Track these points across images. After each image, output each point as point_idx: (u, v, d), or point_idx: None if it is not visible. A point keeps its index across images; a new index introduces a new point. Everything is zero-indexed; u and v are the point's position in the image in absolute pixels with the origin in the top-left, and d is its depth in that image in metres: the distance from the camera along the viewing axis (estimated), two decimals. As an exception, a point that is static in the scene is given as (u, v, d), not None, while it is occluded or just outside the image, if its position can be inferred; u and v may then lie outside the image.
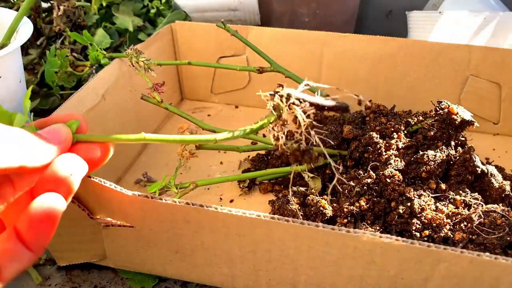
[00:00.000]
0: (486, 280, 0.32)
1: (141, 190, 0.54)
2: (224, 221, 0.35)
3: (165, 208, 0.35)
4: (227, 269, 0.39)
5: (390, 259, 0.33)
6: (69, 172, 0.25)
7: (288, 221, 0.33)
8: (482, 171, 0.47)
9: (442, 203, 0.45)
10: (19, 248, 0.24)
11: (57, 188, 0.25)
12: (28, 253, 0.25)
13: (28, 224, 0.24)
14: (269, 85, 0.73)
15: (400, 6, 0.92)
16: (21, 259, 0.24)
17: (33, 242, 0.25)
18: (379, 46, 0.63)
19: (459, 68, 0.61)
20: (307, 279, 0.38)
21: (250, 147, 0.55)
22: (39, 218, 0.24)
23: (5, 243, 0.24)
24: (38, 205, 0.24)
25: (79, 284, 0.44)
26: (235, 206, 0.48)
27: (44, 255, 0.46)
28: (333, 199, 0.48)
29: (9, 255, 0.24)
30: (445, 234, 0.42)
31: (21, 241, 0.24)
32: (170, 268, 0.42)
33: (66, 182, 0.25)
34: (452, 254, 0.31)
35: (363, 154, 0.50)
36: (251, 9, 0.82)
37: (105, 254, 0.43)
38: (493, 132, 0.64)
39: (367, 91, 0.65)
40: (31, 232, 0.24)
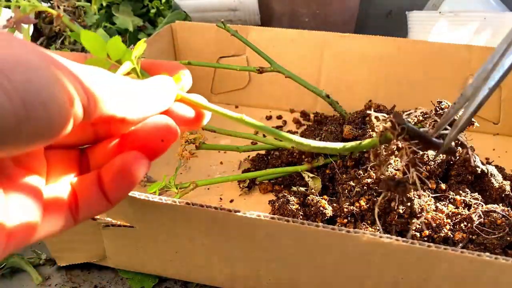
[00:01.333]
0: (486, 280, 0.32)
1: (141, 190, 0.54)
2: (224, 221, 0.35)
3: (165, 208, 0.35)
4: (227, 269, 0.39)
5: (390, 259, 0.33)
6: (160, 137, 0.25)
7: (288, 221, 0.33)
8: (482, 171, 0.47)
9: (442, 203, 0.45)
10: (99, 196, 0.25)
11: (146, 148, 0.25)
12: (106, 203, 0.25)
13: (112, 176, 0.24)
14: (269, 85, 0.73)
15: (400, 6, 0.92)
16: (98, 207, 0.25)
17: (113, 194, 0.25)
18: (379, 46, 0.63)
19: (459, 68, 0.61)
20: (307, 279, 0.38)
21: (250, 147, 0.55)
22: (123, 174, 0.24)
23: (88, 187, 0.25)
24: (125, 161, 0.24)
25: (79, 284, 0.44)
26: (235, 206, 0.48)
27: (44, 255, 0.46)
28: (333, 199, 0.48)
29: (89, 200, 0.24)
30: (445, 234, 0.42)
31: (101, 190, 0.25)
32: (170, 268, 0.42)
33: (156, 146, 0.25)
34: (452, 254, 0.31)
35: (363, 154, 0.50)
36: (251, 9, 0.82)
37: (105, 254, 0.43)
38: (493, 132, 0.64)
39: (367, 91, 0.65)
40: (113, 185, 0.24)
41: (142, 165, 0.24)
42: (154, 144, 0.25)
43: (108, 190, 0.25)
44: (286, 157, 0.54)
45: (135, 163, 0.24)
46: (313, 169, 0.52)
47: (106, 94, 0.21)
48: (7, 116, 0.16)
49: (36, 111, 0.17)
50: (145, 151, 0.25)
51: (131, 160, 0.24)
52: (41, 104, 0.17)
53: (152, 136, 0.25)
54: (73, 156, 0.27)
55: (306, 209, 0.46)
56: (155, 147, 0.25)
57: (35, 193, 0.22)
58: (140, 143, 0.25)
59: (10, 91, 0.17)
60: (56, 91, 0.18)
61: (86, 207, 0.25)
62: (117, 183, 0.24)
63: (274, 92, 0.69)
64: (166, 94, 0.26)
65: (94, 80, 0.21)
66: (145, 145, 0.25)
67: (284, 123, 0.68)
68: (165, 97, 0.26)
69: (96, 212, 0.25)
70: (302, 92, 0.58)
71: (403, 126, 0.27)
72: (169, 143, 0.25)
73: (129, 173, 0.24)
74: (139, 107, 0.24)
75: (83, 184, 0.25)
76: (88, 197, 0.24)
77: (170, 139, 0.25)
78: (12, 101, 0.17)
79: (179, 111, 0.27)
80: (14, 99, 0.17)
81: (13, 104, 0.17)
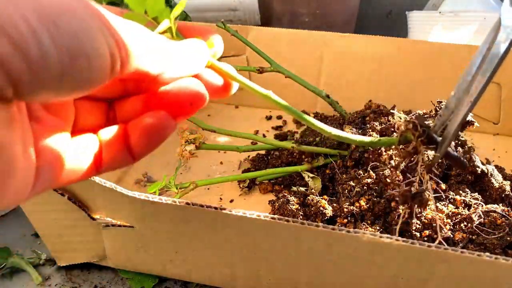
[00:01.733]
0: (486, 280, 0.32)
1: (141, 190, 0.54)
2: (224, 221, 0.35)
3: (165, 208, 0.35)
4: (227, 269, 0.39)
5: (390, 259, 0.33)
6: (189, 101, 0.25)
7: (288, 221, 0.33)
8: (482, 171, 0.47)
9: (442, 203, 0.45)
10: (124, 150, 0.25)
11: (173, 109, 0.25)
12: (129, 158, 0.25)
13: (139, 133, 0.24)
14: (269, 85, 0.73)
15: (400, 6, 0.92)
16: (121, 161, 0.25)
17: (137, 151, 0.25)
18: (379, 46, 0.63)
19: (459, 68, 0.61)
20: (307, 279, 0.38)
21: (250, 147, 0.55)
22: (150, 132, 0.24)
23: (114, 140, 0.25)
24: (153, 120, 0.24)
25: (79, 284, 0.44)
26: (235, 206, 0.48)
27: (44, 255, 0.46)
28: (333, 199, 0.48)
29: (114, 153, 0.25)
30: (445, 234, 0.42)
31: (126, 145, 0.25)
32: (170, 268, 0.42)
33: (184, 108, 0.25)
34: (452, 254, 0.31)
35: (363, 154, 0.50)
36: (251, 9, 0.82)
37: (105, 254, 0.43)
38: (493, 132, 0.64)
39: (367, 91, 0.65)
40: (139, 142, 0.25)
41: (169, 126, 0.25)
42: (182, 107, 0.25)
43: (134, 146, 0.25)
44: (286, 157, 0.54)
45: (162, 123, 0.24)
46: (313, 169, 0.52)
47: (143, 50, 0.21)
48: (52, 63, 0.16)
49: (80, 62, 0.17)
50: (172, 112, 0.25)
51: (159, 120, 0.24)
52: (84, 55, 0.18)
53: (181, 98, 0.25)
54: (101, 108, 0.27)
55: (306, 209, 0.46)
56: (183, 110, 0.25)
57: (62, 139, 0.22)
58: (168, 104, 0.25)
59: (57, 39, 0.17)
60: (99, 43, 0.18)
61: (110, 160, 0.25)
62: (143, 140, 0.24)
63: (274, 92, 0.69)
64: (199, 58, 0.26)
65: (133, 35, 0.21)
66: (173, 106, 0.25)
67: (284, 123, 0.68)
68: (198, 61, 0.26)
69: (118, 166, 0.25)
70: (302, 92, 0.58)
71: (424, 129, 0.27)
72: (197, 107, 0.25)
73: (156, 132, 0.24)
74: (173, 67, 0.23)
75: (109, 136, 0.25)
76: (113, 150, 0.25)
77: (198, 104, 0.25)
78: (58, 50, 0.17)
79: (208, 77, 0.27)
80: (60, 48, 0.17)
81: (59, 54, 0.17)
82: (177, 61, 0.24)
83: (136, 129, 0.25)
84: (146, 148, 0.25)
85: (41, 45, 0.16)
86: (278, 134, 0.64)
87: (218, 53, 0.28)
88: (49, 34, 0.16)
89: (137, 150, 0.25)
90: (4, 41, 0.15)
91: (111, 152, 0.25)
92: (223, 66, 0.28)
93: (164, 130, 0.24)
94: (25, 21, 0.16)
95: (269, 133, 0.66)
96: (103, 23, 0.19)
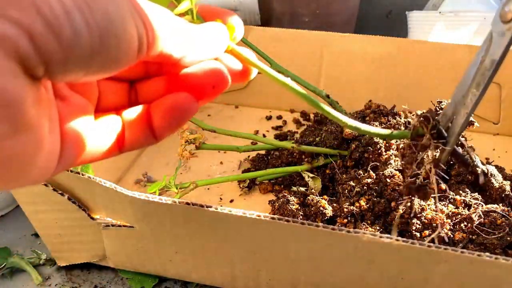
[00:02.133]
0: (486, 280, 0.32)
1: (141, 190, 0.54)
2: (224, 221, 0.35)
3: (165, 208, 0.35)
4: (227, 269, 0.39)
5: (390, 259, 0.33)
6: (212, 83, 0.25)
7: (288, 221, 0.33)
8: (482, 171, 0.47)
9: (442, 203, 0.45)
10: (146, 130, 0.25)
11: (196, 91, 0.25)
12: (151, 138, 0.25)
13: (162, 114, 0.25)
14: (269, 85, 0.73)
15: (400, 6, 0.92)
16: (143, 141, 0.25)
17: (160, 131, 0.25)
18: (379, 46, 0.63)
19: (459, 68, 0.61)
20: (307, 279, 0.38)
21: (250, 147, 0.55)
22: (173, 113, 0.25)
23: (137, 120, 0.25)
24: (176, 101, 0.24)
25: (79, 284, 0.44)
26: (235, 206, 0.48)
27: (44, 255, 0.46)
28: (333, 199, 0.48)
29: (136, 133, 0.25)
30: (445, 234, 0.42)
31: (149, 125, 0.25)
32: (170, 268, 0.42)
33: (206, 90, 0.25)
34: (452, 254, 0.31)
35: (363, 154, 0.50)
36: (251, 9, 0.82)
37: (105, 254, 0.43)
38: (493, 132, 0.64)
39: (367, 91, 0.65)
40: (162, 123, 0.25)
41: (192, 107, 0.25)
42: (205, 89, 0.25)
43: (156, 126, 0.25)
44: (286, 157, 0.54)
45: (185, 105, 0.24)
46: (313, 169, 0.52)
47: (168, 34, 0.21)
48: (83, 44, 0.17)
49: (110, 43, 0.18)
50: (195, 94, 0.25)
51: (182, 101, 0.24)
52: (114, 37, 0.18)
53: (204, 81, 0.25)
54: (123, 88, 0.27)
55: (306, 209, 0.46)
56: (205, 92, 0.25)
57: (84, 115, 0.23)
58: (191, 86, 0.25)
59: (89, 19, 0.17)
60: (128, 24, 0.18)
61: (133, 139, 0.25)
62: (166, 121, 0.25)
63: (274, 92, 0.69)
64: (220, 42, 0.26)
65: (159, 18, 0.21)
66: (195, 88, 0.25)
67: (284, 123, 0.68)
68: (218, 45, 0.26)
69: (140, 146, 0.26)
70: (302, 92, 0.58)
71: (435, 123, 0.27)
72: (220, 90, 0.25)
73: (179, 114, 0.24)
74: (195, 51, 0.24)
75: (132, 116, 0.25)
76: (136, 130, 0.25)
77: (221, 87, 0.25)
78: (90, 30, 0.17)
79: (227, 62, 0.27)
80: (92, 29, 0.17)
81: (90, 34, 0.17)
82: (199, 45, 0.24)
83: (159, 110, 0.25)
84: (168, 129, 0.25)
85: (74, 25, 0.16)
86: (278, 134, 0.64)
87: (238, 37, 0.28)
88: (81, 14, 0.16)
89: (160, 131, 0.25)
90: (38, 20, 0.15)
91: (134, 132, 0.25)
92: (242, 51, 0.27)
93: (186, 112, 0.25)
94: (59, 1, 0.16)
95: (269, 133, 0.66)
96: (133, 5, 0.19)
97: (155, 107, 0.25)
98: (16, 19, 0.15)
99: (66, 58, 0.16)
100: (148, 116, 0.25)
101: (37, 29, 0.15)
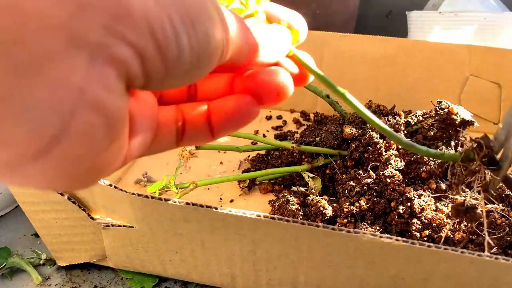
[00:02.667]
0: (486, 280, 0.32)
1: (141, 190, 0.54)
2: (224, 221, 0.35)
3: (165, 208, 0.35)
4: (227, 269, 0.39)
5: (390, 259, 0.33)
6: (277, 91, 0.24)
7: (288, 221, 0.33)
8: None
9: (442, 203, 0.45)
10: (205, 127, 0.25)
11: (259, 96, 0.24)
12: (209, 136, 0.25)
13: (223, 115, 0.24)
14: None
15: (400, 6, 0.92)
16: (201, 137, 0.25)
17: (218, 130, 0.25)
18: (379, 46, 0.63)
19: (459, 68, 0.61)
20: (307, 279, 0.38)
21: (250, 147, 0.55)
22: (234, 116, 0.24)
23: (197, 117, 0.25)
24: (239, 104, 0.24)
25: (79, 284, 0.44)
26: (235, 206, 0.48)
27: (44, 255, 0.46)
28: (333, 199, 0.48)
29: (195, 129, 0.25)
30: (445, 234, 0.42)
31: (208, 122, 0.25)
32: (170, 268, 0.42)
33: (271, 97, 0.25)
34: (452, 254, 0.31)
35: (363, 154, 0.50)
36: (251, 9, 0.81)
37: (105, 254, 0.43)
38: (493, 132, 0.64)
39: (367, 91, 0.65)
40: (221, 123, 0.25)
41: (254, 112, 0.24)
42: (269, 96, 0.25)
43: (215, 125, 0.25)
44: (286, 157, 0.54)
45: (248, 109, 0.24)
46: (313, 169, 0.52)
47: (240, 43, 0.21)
48: (182, 65, 0.17)
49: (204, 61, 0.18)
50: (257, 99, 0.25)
51: (245, 105, 0.24)
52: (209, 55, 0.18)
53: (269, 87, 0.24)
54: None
55: (306, 209, 0.46)
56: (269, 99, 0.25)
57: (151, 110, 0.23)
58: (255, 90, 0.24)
59: (193, 41, 0.17)
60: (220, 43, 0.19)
61: (191, 135, 0.25)
62: (226, 122, 0.24)
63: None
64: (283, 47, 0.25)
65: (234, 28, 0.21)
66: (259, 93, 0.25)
67: (284, 123, 0.68)
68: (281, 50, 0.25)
69: (197, 142, 0.26)
70: (302, 92, 0.58)
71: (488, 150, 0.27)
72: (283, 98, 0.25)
73: (240, 117, 0.24)
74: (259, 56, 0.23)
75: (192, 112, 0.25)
76: (195, 126, 0.25)
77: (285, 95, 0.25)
78: (191, 52, 0.17)
79: (287, 66, 0.26)
80: (193, 50, 0.17)
81: (191, 55, 0.17)
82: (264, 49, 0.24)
83: (220, 110, 0.25)
84: (226, 130, 0.25)
85: (180, 47, 0.16)
86: (278, 134, 0.64)
87: (300, 41, 0.27)
88: (188, 36, 0.17)
89: (218, 130, 0.25)
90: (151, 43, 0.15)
91: (193, 128, 0.25)
92: (303, 57, 0.27)
93: (248, 116, 0.24)
94: (170, 21, 0.16)
95: (269, 133, 0.66)
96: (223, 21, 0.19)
97: (216, 106, 0.25)
98: (131, 42, 0.15)
99: (165, 76, 0.17)
100: (208, 114, 0.25)
101: (148, 52, 0.16)
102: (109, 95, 0.15)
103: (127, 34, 0.15)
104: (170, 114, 0.24)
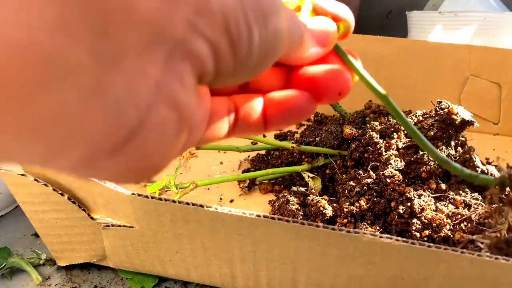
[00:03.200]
0: (486, 280, 0.32)
1: (141, 190, 0.54)
2: (224, 221, 0.35)
3: (165, 208, 0.35)
4: (227, 269, 0.39)
5: (390, 259, 0.33)
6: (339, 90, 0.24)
7: (288, 221, 0.33)
8: (482, 171, 0.47)
9: (442, 203, 0.45)
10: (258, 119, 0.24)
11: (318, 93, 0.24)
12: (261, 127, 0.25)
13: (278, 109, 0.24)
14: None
15: (400, 6, 0.92)
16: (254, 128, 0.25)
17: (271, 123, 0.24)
18: (379, 46, 0.63)
19: (459, 68, 0.61)
20: (307, 279, 0.38)
21: (250, 147, 0.55)
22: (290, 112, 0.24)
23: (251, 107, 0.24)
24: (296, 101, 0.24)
25: (79, 284, 0.44)
26: (235, 206, 0.48)
27: (44, 255, 0.46)
28: (333, 199, 0.48)
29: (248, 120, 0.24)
30: (445, 234, 0.42)
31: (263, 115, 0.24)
32: (170, 268, 0.42)
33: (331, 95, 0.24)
34: (452, 254, 0.31)
35: (363, 154, 0.50)
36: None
37: (105, 254, 0.43)
38: (493, 132, 0.64)
39: (367, 91, 0.65)
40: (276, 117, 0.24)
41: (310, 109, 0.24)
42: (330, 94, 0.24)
43: (269, 118, 0.24)
44: (286, 157, 0.54)
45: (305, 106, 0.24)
46: (313, 169, 0.52)
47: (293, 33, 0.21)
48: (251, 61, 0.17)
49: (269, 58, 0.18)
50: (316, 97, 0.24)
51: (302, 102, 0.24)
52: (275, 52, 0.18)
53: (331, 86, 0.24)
54: None
55: (306, 209, 0.46)
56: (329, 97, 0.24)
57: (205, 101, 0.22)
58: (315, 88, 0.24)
59: (263, 39, 0.17)
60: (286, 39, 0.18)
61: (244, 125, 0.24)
62: (280, 116, 0.24)
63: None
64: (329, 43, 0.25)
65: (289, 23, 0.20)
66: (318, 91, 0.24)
67: (284, 123, 0.68)
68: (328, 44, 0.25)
69: (249, 132, 0.25)
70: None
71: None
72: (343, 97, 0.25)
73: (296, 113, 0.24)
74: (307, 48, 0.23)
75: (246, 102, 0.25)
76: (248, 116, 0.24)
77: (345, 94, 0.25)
78: (260, 51, 0.17)
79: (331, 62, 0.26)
80: (262, 49, 0.17)
81: (259, 53, 0.17)
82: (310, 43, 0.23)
83: (275, 104, 0.24)
84: (280, 124, 0.25)
85: (251, 45, 0.16)
86: (278, 134, 0.64)
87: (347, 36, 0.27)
88: (259, 32, 0.16)
89: (271, 123, 0.24)
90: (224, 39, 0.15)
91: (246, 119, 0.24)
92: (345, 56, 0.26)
93: (304, 113, 0.24)
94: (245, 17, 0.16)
95: (269, 133, 0.66)
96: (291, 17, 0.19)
97: (271, 100, 0.24)
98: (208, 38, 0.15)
99: (233, 73, 0.16)
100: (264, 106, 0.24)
101: (222, 49, 0.15)
102: (183, 91, 0.15)
103: (205, 29, 0.15)
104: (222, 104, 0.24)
